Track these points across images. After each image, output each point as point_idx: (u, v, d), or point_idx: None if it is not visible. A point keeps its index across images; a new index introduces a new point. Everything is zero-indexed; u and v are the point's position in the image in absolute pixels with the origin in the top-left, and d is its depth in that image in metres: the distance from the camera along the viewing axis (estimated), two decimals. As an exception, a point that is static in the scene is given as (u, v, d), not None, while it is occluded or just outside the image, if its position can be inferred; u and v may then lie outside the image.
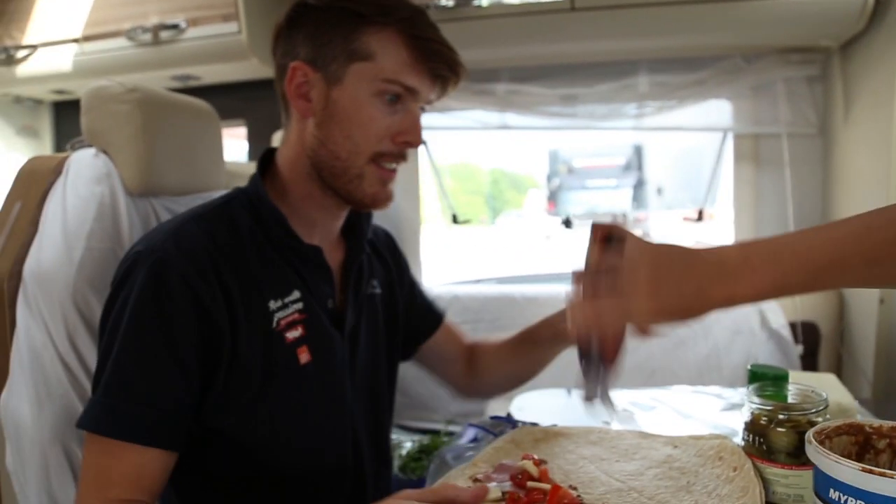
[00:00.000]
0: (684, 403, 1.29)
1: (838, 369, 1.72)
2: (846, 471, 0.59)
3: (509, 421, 0.99)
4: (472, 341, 1.18)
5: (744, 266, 0.64)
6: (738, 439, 1.03)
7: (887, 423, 0.81)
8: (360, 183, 0.86)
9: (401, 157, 0.88)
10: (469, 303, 1.99)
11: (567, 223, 2.15)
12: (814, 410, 0.85)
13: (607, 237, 0.73)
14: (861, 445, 0.80)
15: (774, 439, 0.82)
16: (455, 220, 2.15)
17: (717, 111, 1.85)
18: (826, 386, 1.23)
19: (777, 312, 1.74)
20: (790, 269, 0.63)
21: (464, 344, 1.17)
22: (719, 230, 2.05)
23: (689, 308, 0.66)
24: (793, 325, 1.75)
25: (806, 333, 1.76)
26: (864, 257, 0.61)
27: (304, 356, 0.85)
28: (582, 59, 1.76)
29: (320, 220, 0.92)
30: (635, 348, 0.95)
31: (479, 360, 1.15)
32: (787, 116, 1.73)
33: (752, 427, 0.84)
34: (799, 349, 1.77)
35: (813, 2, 1.46)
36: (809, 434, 0.77)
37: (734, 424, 1.16)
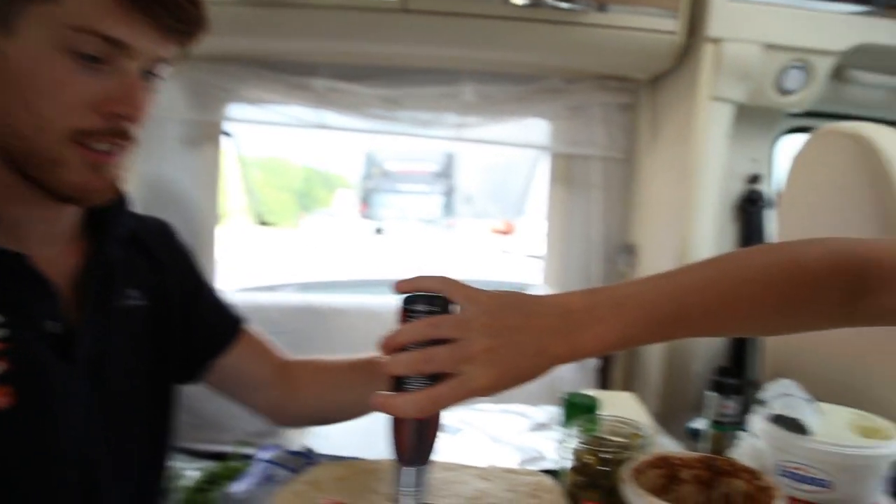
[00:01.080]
0: (492, 424, 1.26)
1: (629, 382, 1.81)
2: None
3: (306, 456, 0.87)
4: (288, 359, 0.98)
5: (588, 317, 0.60)
6: (547, 463, 1.00)
7: (691, 455, 0.82)
8: (59, 169, 0.66)
9: (117, 134, 0.68)
10: (269, 313, 1.76)
11: (378, 230, 2.07)
12: (637, 447, 0.84)
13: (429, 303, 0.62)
14: (668, 478, 0.80)
15: (599, 477, 0.80)
16: (261, 219, 1.97)
17: (535, 129, 1.87)
18: (626, 407, 1.27)
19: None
20: (636, 321, 0.60)
21: (276, 361, 0.97)
22: (526, 243, 2.08)
23: (532, 369, 0.60)
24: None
25: (610, 351, 1.84)
26: (703, 308, 0.61)
27: (2, 399, 0.65)
28: (408, 62, 1.69)
29: (25, 219, 0.71)
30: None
31: (298, 382, 0.96)
32: (601, 140, 1.79)
33: (577, 467, 0.82)
34: (594, 361, 1.83)
35: (630, 37, 1.51)
36: (625, 473, 0.75)
37: (541, 446, 1.14)
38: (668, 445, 1.24)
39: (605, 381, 1.84)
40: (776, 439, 0.99)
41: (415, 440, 0.59)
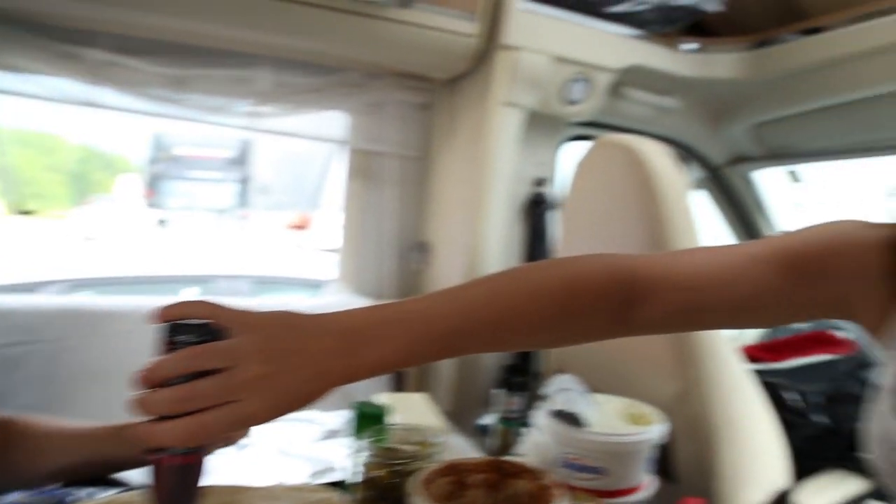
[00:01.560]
0: (279, 435, 1.19)
1: (424, 381, 1.83)
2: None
3: (55, 493, 0.75)
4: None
5: (371, 335, 0.57)
6: (338, 474, 0.97)
7: (479, 459, 0.83)
8: None
9: None
10: (22, 318, 1.39)
11: (162, 222, 1.89)
12: (427, 455, 0.83)
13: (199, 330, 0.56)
14: (457, 484, 0.80)
15: (389, 490, 0.78)
16: (19, 206, 1.69)
17: (334, 122, 1.82)
18: (418, 408, 1.26)
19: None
20: (420, 337, 0.58)
21: None
22: (322, 237, 2.02)
23: (310, 394, 0.56)
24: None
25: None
26: (487, 323, 0.61)
27: None
28: (198, 40, 1.54)
29: None
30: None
31: (20, 448, 0.83)
32: (397, 137, 1.79)
33: (368, 481, 0.79)
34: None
35: (430, 36, 1.52)
36: (414, 485, 0.73)
37: (332, 456, 1.10)
38: (459, 444, 1.26)
39: (400, 382, 1.84)
40: (556, 433, 1.04)
41: (178, 485, 0.52)
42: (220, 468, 0.95)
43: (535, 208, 1.79)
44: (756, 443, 1.28)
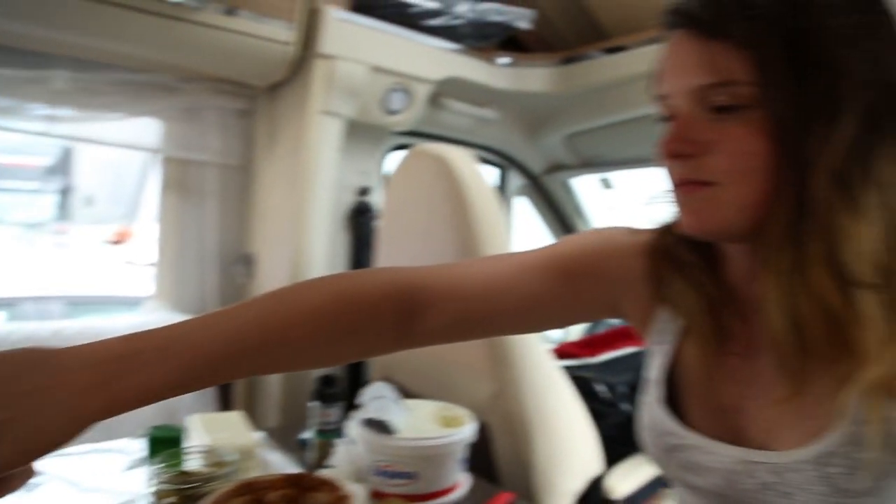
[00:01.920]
0: (78, 469, 1.10)
1: (251, 398, 1.77)
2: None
3: None
4: None
5: (130, 365, 0.54)
6: (143, 504, 0.91)
7: (275, 476, 0.81)
8: None
9: None
10: None
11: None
12: (221, 476, 0.81)
13: None
14: (256, 503, 0.78)
15: None
16: None
17: (148, 129, 1.71)
18: (233, 427, 1.22)
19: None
20: (185, 364, 0.55)
21: None
22: (143, 252, 1.89)
23: (64, 434, 0.51)
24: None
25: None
26: (261, 344, 0.60)
27: None
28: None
29: None
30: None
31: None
32: (216, 145, 1.72)
33: None
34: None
35: (245, 43, 1.48)
36: (201, 507, 0.70)
37: (137, 487, 1.04)
38: (277, 460, 1.23)
39: (226, 400, 1.76)
40: (368, 441, 1.05)
41: None
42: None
43: (360, 217, 1.79)
44: (568, 434, 1.35)
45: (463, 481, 1.12)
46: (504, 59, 1.81)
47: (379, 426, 1.05)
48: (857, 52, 0.55)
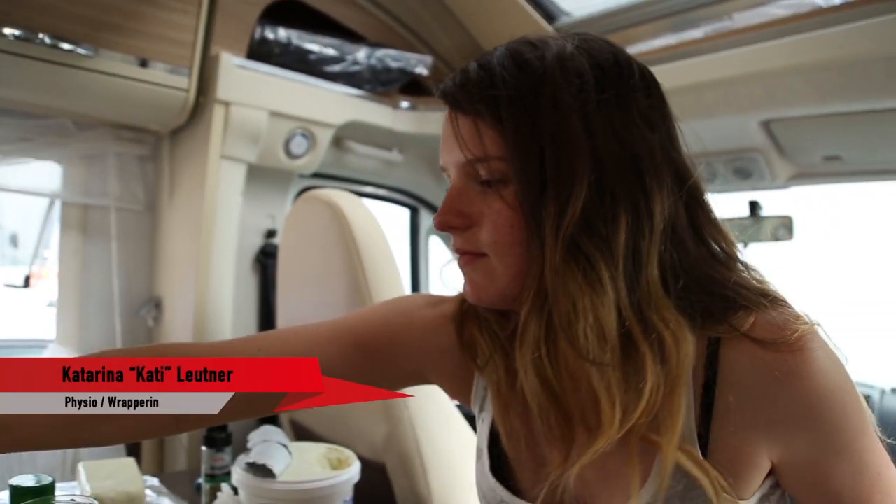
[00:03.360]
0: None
1: (164, 442, 1.74)
2: None
3: None
4: None
5: None
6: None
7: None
8: None
9: None
10: None
11: None
12: None
13: None
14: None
15: None
16: None
17: (46, 174, 1.70)
18: (118, 474, 1.21)
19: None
20: None
21: None
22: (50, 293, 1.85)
23: None
24: (115, 402, 1.70)
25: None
26: None
27: None
28: None
29: None
30: None
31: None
32: (117, 190, 1.72)
33: None
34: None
35: (141, 89, 1.50)
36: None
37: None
38: (166, 506, 1.22)
39: (136, 445, 1.73)
40: (247, 485, 1.06)
41: None
42: None
43: (268, 259, 1.80)
44: (465, 470, 1.38)
45: (352, 523, 1.14)
46: (405, 103, 1.87)
47: (260, 469, 1.06)
48: (591, 125, 0.57)
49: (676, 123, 0.63)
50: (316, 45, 1.67)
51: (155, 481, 1.31)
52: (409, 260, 2.36)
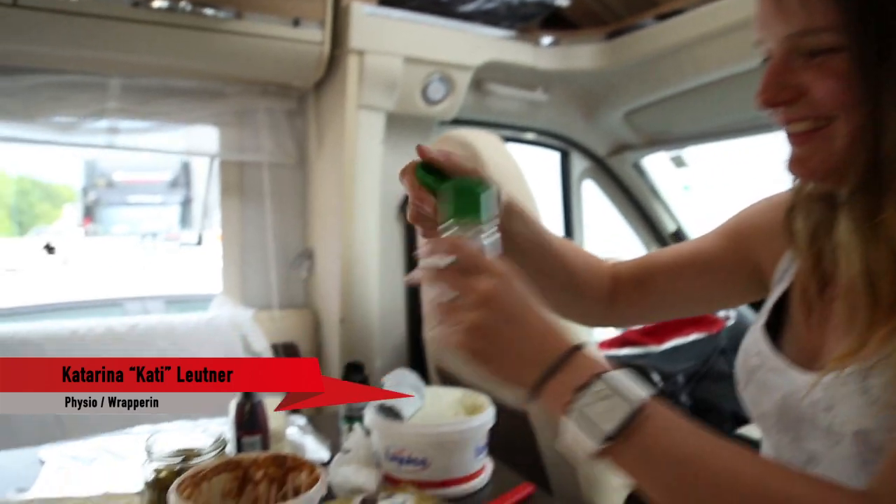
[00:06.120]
0: (134, 448, 1.19)
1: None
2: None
3: None
4: None
5: None
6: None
7: (259, 455, 0.84)
8: None
9: None
10: None
11: (49, 249, 1.86)
12: (210, 451, 0.84)
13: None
14: (241, 480, 0.81)
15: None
16: None
17: (204, 136, 1.81)
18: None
19: (259, 335, 1.76)
20: None
21: None
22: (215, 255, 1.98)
23: None
24: (275, 347, 1.80)
25: (287, 352, 1.83)
26: None
27: None
28: (25, 61, 1.52)
29: None
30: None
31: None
32: (269, 145, 1.78)
33: (154, 483, 0.80)
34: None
35: (278, 46, 1.53)
36: (172, 487, 0.73)
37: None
38: (310, 444, 1.25)
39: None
40: (378, 427, 1.06)
41: None
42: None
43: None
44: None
45: (483, 470, 1.10)
46: (548, 39, 1.76)
47: (390, 412, 1.05)
48: None
49: None
50: (448, -15, 1.61)
51: (302, 420, 1.36)
52: (561, 206, 2.27)
